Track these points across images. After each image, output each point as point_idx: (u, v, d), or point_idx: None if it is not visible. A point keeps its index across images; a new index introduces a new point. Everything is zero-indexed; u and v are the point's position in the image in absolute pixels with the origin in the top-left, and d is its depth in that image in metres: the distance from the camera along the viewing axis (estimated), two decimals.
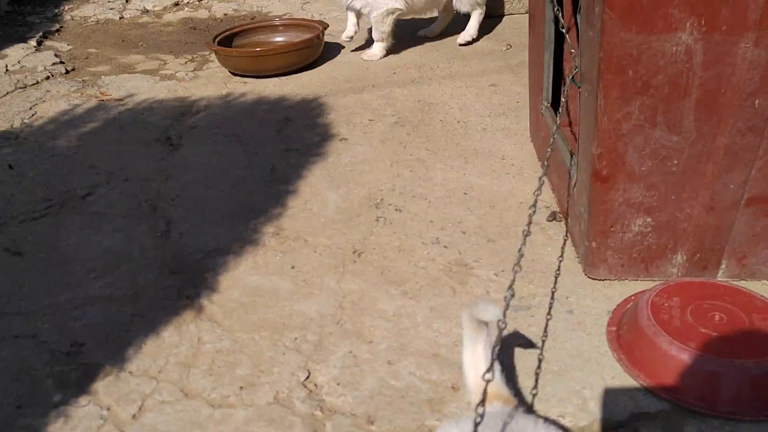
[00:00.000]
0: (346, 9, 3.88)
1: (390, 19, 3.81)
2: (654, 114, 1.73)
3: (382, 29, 3.83)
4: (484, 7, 4.05)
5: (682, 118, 1.73)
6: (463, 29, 4.06)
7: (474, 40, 4.06)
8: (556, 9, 2.07)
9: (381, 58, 3.89)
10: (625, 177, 1.82)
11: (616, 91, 1.71)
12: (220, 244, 2.29)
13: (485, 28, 4.27)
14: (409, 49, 4.07)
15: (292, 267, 2.17)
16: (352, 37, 3.93)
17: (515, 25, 4.35)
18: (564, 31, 2.02)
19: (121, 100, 3.49)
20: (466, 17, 4.04)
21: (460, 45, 4.03)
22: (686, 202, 1.84)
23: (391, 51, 3.98)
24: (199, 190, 2.62)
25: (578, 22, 1.96)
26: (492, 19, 4.41)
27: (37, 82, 3.71)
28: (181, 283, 2.11)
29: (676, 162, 1.79)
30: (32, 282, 2.15)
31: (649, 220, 1.88)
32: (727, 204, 1.83)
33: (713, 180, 1.79)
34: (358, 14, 3.89)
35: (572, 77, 1.96)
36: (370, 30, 4.02)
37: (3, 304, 2.05)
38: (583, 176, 1.94)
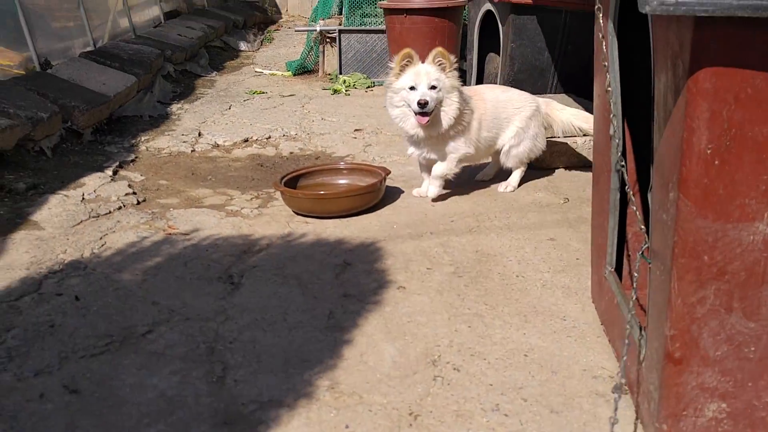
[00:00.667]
0: (422, 166, 4.09)
1: (460, 165, 4.05)
2: (730, 299, 1.69)
3: (453, 171, 4.03)
4: (527, 164, 4.28)
5: (759, 304, 1.69)
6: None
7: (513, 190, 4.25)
8: (627, 188, 2.07)
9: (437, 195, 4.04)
10: (699, 360, 1.76)
11: (690, 275, 1.68)
12: (274, 395, 2.27)
13: (541, 180, 4.35)
14: (465, 196, 4.15)
15: (347, 427, 2.12)
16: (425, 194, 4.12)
17: (571, 178, 4.42)
18: (635, 209, 2.03)
19: (187, 234, 3.60)
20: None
21: (500, 191, 4.23)
22: (764, 390, 1.76)
23: (448, 197, 4.07)
24: (257, 334, 2.63)
25: (649, 199, 1.97)
26: (545, 171, 4.50)
27: (110, 212, 3.88)
28: None
29: (753, 348, 1.73)
30: (86, 424, 2.14)
31: (724, 405, 1.80)
32: None
33: None
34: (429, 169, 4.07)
35: (641, 253, 1.95)
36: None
37: None
38: (654, 355, 1.88)
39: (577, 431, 2.06)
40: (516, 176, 4.25)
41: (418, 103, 3.66)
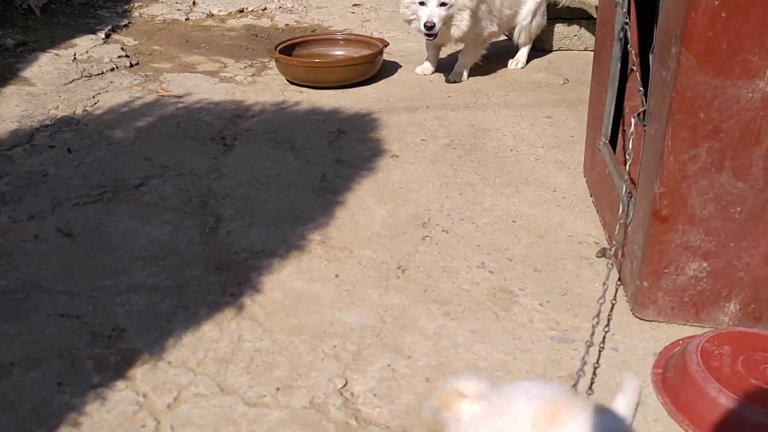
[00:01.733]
0: (430, 43, 3.96)
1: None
2: (722, 158, 1.70)
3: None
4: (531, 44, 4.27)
5: (750, 165, 1.70)
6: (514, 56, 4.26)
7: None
8: (629, 46, 2.05)
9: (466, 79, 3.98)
10: (685, 219, 1.79)
11: (685, 132, 1.68)
12: (266, 246, 2.31)
13: (542, 61, 4.27)
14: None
15: (336, 276, 2.17)
16: (428, 74, 4.04)
17: (572, 60, 4.34)
18: (634, 68, 2.00)
19: (180, 97, 3.55)
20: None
21: (511, 68, 4.21)
22: (745, 250, 1.80)
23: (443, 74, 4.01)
24: (250, 192, 2.65)
25: (650, 60, 1.95)
26: (546, 52, 4.43)
27: (102, 73, 3.81)
28: (225, 280, 2.13)
29: (739, 209, 1.76)
30: (80, 264, 2.19)
31: (705, 265, 1.85)
32: None
33: None
34: (440, 48, 3.97)
35: (638, 114, 1.95)
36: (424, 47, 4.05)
37: (51, 282, 2.09)
38: (641, 214, 1.91)
39: (558, 288, 2.12)
40: (525, 52, 4.23)
41: (425, 25, 3.53)
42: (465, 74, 3.96)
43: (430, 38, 3.66)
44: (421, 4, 3.57)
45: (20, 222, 2.39)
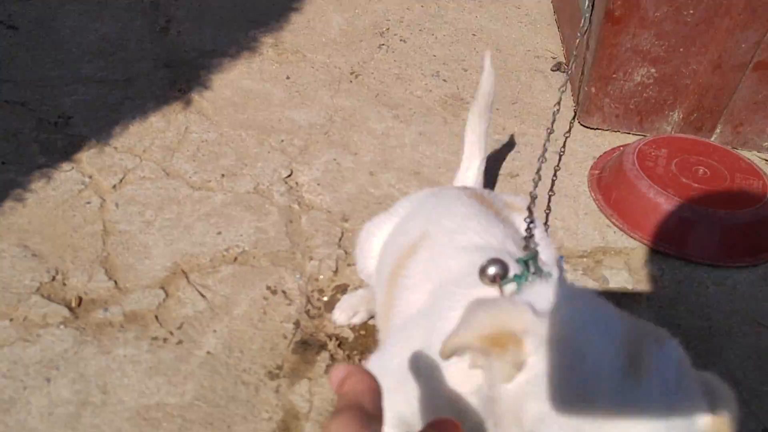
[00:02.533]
0: None
1: None
2: None
3: None
4: None
5: None
6: None
7: None
8: None
9: None
10: (638, 21, 1.77)
11: None
12: (217, 46, 2.25)
13: None
14: None
15: (287, 77, 2.14)
16: None
17: None
18: None
19: None
20: None
21: None
22: (694, 57, 1.81)
23: None
24: None
25: None
26: None
27: None
28: (174, 76, 2.09)
29: (692, 12, 1.74)
30: (26, 56, 2.12)
31: (653, 71, 1.85)
32: (734, 64, 1.79)
33: (726, 36, 1.75)
34: None
35: None
36: None
37: None
38: (595, 18, 1.88)
39: (509, 97, 2.13)
40: None
41: None
42: None
43: None
44: None
45: None
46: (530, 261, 0.81)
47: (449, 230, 1.00)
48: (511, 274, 0.79)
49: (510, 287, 0.78)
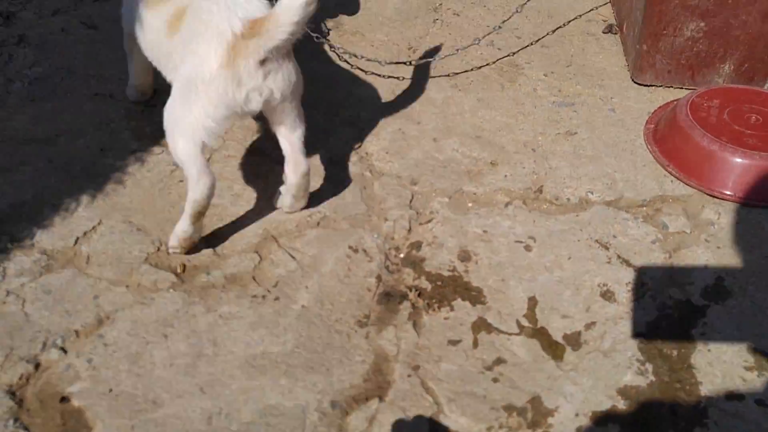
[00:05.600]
0: None
1: None
2: None
3: None
4: None
5: None
6: None
7: None
8: None
9: None
10: None
11: None
12: None
13: None
14: None
15: (346, 51, 2.27)
16: None
17: None
18: None
19: None
20: None
21: None
22: (743, 7, 1.86)
23: None
24: None
25: None
26: None
27: None
28: None
29: None
30: (107, 51, 2.30)
31: (702, 24, 1.91)
32: None
33: None
34: None
35: None
36: None
37: (82, 68, 2.22)
38: None
39: (563, 61, 2.21)
40: None
41: None
42: None
43: None
44: None
45: (46, 17, 2.48)
46: None
47: None
48: None
49: None
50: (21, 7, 2.53)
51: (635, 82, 2.07)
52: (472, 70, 2.20)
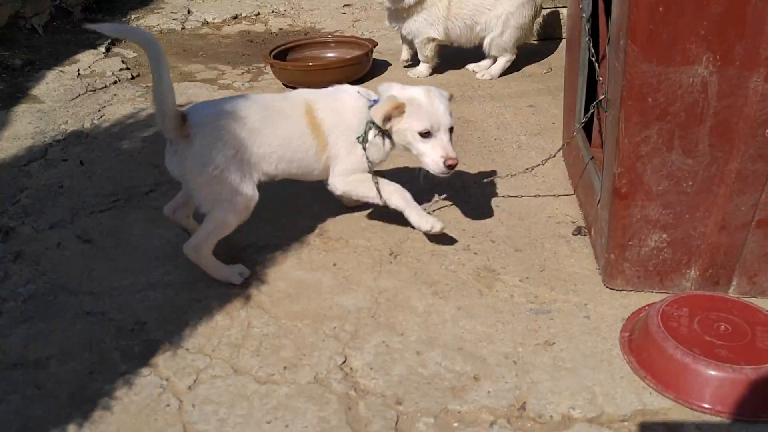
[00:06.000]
0: (401, 38, 4.17)
1: (431, 46, 4.05)
2: (671, 138, 1.89)
3: (425, 53, 4.07)
4: (513, 56, 4.10)
5: (697, 143, 1.88)
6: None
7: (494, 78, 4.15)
8: (588, 39, 2.23)
9: (426, 76, 4.10)
10: (643, 195, 1.98)
11: (636, 117, 1.87)
12: (269, 240, 2.51)
13: (529, 51, 4.44)
14: (452, 71, 4.27)
15: (334, 264, 2.37)
16: (407, 60, 4.23)
17: (560, 47, 4.52)
18: (594, 59, 2.19)
19: (182, 106, 3.74)
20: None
21: (478, 78, 4.14)
22: (700, 221, 1.99)
23: (435, 71, 4.19)
24: None
25: (607, 52, 2.13)
26: (546, 42, 4.59)
27: (106, 86, 4.01)
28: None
29: (690, 183, 1.94)
30: (101, 267, 2.39)
31: (664, 236, 2.04)
32: (738, 224, 1.97)
33: (725, 201, 1.94)
34: (409, 42, 4.14)
35: (599, 101, 2.13)
36: (416, 53, 4.23)
37: (76, 284, 2.30)
38: (606, 193, 2.10)
39: (537, 265, 2.32)
40: (499, 66, 4.10)
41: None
42: (424, 70, 4.20)
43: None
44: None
45: (43, 231, 2.60)
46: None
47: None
48: None
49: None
50: (20, 221, 2.66)
51: (608, 287, 2.17)
52: (450, 274, 2.29)
